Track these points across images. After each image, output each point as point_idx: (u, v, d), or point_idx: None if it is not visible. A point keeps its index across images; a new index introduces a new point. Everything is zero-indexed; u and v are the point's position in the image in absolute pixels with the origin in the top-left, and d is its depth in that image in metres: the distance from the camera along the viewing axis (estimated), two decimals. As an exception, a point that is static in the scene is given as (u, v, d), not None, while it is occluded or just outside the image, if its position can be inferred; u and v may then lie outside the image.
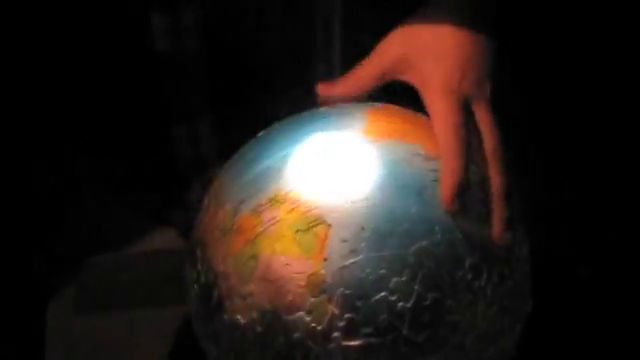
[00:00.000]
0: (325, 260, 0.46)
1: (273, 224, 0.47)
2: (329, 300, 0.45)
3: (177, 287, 0.53)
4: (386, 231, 0.46)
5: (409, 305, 0.46)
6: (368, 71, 0.56)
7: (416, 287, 0.46)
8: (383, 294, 0.45)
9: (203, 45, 0.66)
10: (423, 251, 0.46)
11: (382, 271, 0.46)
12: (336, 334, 0.45)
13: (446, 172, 0.49)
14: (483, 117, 0.54)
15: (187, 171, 0.69)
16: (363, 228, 0.46)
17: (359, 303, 0.45)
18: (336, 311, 0.45)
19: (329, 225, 0.46)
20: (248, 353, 0.48)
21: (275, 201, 0.48)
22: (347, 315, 0.45)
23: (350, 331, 0.45)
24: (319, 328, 0.46)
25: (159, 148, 0.68)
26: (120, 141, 0.69)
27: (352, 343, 0.45)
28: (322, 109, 0.55)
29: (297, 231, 0.47)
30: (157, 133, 0.68)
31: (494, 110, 0.55)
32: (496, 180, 0.53)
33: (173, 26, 0.64)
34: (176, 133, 0.68)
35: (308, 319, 0.46)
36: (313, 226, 0.46)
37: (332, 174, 0.48)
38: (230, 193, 0.51)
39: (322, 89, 0.57)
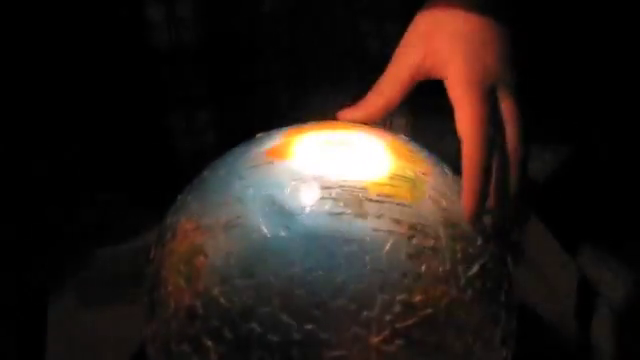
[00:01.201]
0: (198, 292, 0.44)
1: (169, 256, 0.47)
2: (204, 332, 0.43)
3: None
4: (254, 259, 0.43)
5: (277, 338, 0.41)
6: (392, 84, 0.52)
7: (285, 318, 0.41)
8: (251, 325, 0.42)
9: (201, 35, 0.66)
10: (293, 279, 0.42)
11: (249, 301, 0.42)
12: (213, 368, 0.43)
13: (468, 174, 0.46)
14: (508, 108, 0.50)
15: (186, 162, 0.70)
16: (232, 255, 0.43)
17: (230, 336, 0.42)
18: (209, 344, 0.43)
19: (205, 255, 0.44)
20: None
21: (174, 233, 0.47)
22: (220, 348, 0.43)
23: (224, 365, 0.43)
24: (198, 361, 0.44)
25: (158, 140, 0.69)
26: (118, 133, 0.71)
27: (227, 378, 0.43)
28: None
29: (182, 263, 0.45)
30: (155, 124, 0.69)
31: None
32: (512, 183, 0.48)
33: (170, 16, 0.65)
34: (175, 125, 0.69)
35: (189, 351, 0.44)
36: (193, 256, 0.45)
37: (220, 201, 0.46)
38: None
39: (343, 116, 0.53)
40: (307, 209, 0.43)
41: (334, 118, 0.53)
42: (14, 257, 0.69)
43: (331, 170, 0.45)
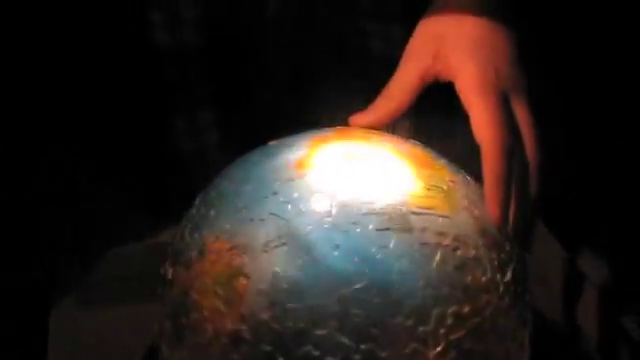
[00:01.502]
0: (243, 315, 0.42)
1: (199, 277, 0.44)
2: (252, 358, 0.42)
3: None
4: (305, 280, 0.41)
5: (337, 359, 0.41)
6: (402, 87, 0.52)
7: (342, 339, 0.41)
8: (307, 348, 0.41)
9: (204, 36, 0.64)
10: (348, 299, 0.41)
11: (302, 324, 0.41)
12: (265, 394, 0.42)
13: (491, 183, 0.47)
14: (522, 113, 0.50)
15: (189, 163, 0.68)
16: (279, 277, 0.42)
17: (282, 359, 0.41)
18: (261, 370, 0.42)
19: (247, 276, 0.42)
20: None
21: (201, 253, 0.45)
22: (272, 374, 0.41)
23: (277, 391, 0.41)
24: (246, 388, 0.42)
25: (161, 140, 0.67)
26: (121, 134, 0.69)
27: (281, 404, 0.41)
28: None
29: (218, 285, 0.43)
30: (158, 125, 0.67)
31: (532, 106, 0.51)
32: (532, 186, 0.50)
33: (173, 17, 0.63)
34: (178, 125, 0.67)
35: (234, 378, 0.42)
36: (232, 278, 0.43)
37: (253, 217, 0.44)
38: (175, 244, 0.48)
39: (354, 121, 0.52)
40: (354, 226, 0.42)
41: (342, 122, 0.52)
42: (15, 257, 0.65)
43: (367, 185, 0.45)
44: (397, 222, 0.43)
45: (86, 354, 0.60)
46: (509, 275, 0.45)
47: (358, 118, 0.51)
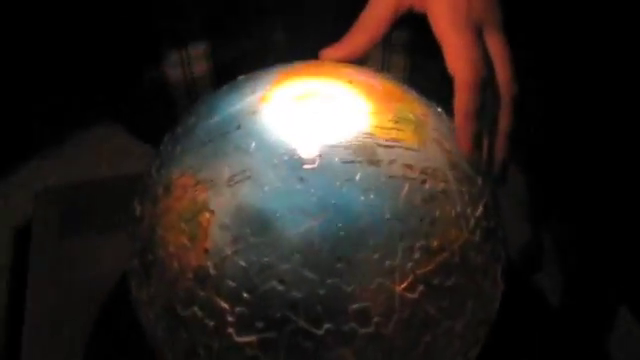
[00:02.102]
0: (208, 251, 0.41)
1: (165, 214, 0.44)
2: (217, 294, 0.41)
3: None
4: (269, 214, 0.41)
5: (301, 295, 0.40)
6: (374, 20, 0.50)
7: (307, 273, 0.40)
8: (271, 283, 0.40)
9: None
10: (313, 232, 0.40)
11: (267, 259, 0.40)
12: (229, 330, 0.41)
13: (462, 117, 0.46)
14: (496, 46, 0.49)
15: (177, 94, 0.67)
16: (243, 212, 0.41)
17: (248, 296, 0.41)
18: (225, 305, 0.41)
19: (212, 211, 0.42)
20: (163, 349, 0.45)
21: (167, 189, 0.44)
22: (237, 309, 0.41)
23: (242, 326, 0.41)
24: (212, 324, 0.42)
25: (149, 70, 0.66)
26: (111, 64, 0.68)
27: (246, 339, 0.41)
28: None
29: (184, 220, 0.43)
30: (148, 56, 0.65)
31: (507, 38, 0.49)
32: (504, 119, 0.49)
33: None
34: (167, 54, 0.66)
35: (201, 315, 0.42)
36: (197, 213, 0.42)
37: (218, 152, 0.43)
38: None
39: (325, 55, 0.51)
40: (318, 159, 0.42)
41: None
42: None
43: (333, 118, 0.44)
44: (363, 154, 0.42)
45: (67, 282, 0.60)
46: (480, 209, 0.45)
47: (329, 52, 0.50)
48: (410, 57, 0.65)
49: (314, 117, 0.43)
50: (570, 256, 0.62)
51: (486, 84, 0.46)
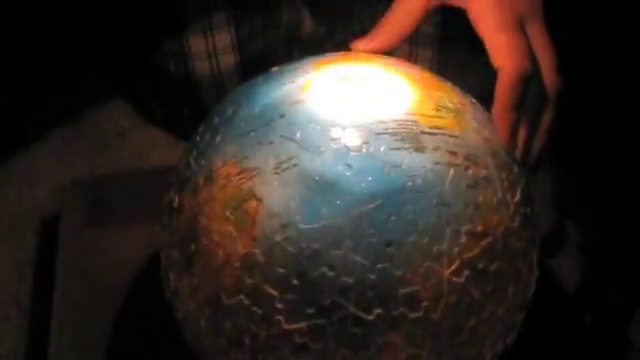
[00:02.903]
0: (255, 238, 0.41)
1: (208, 203, 0.44)
2: (265, 281, 0.41)
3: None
4: (318, 201, 0.41)
5: (352, 280, 0.40)
6: (405, 11, 0.50)
7: (358, 259, 0.40)
8: (321, 270, 0.40)
9: None
10: (363, 218, 0.40)
11: (317, 245, 0.40)
12: (278, 317, 0.41)
13: (502, 108, 0.46)
14: (540, 40, 0.49)
15: (205, 86, 0.67)
16: (291, 199, 0.41)
17: (297, 282, 0.41)
18: (274, 292, 0.41)
19: (259, 199, 0.42)
20: (204, 340, 0.45)
21: (209, 178, 0.44)
22: (286, 296, 0.41)
23: (292, 313, 0.41)
24: (259, 312, 0.42)
25: (177, 64, 0.66)
26: (139, 57, 0.68)
27: (295, 326, 0.41)
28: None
29: (229, 209, 0.42)
30: (175, 49, 0.66)
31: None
32: (547, 113, 0.49)
33: None
34: (193, 46, 0.66)
35: (248, 303, 0.42)
36: (243, 202, 0.42)
37: (262, 141, 0.43)
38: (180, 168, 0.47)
39: (356, 46, 0.51)
40: (366, 146, 0.42)
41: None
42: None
43: (378, 105, 0.44)
44: (409, 141, 0.42)
45: (94, 274, 0.60)
46: (518, 196, 0.45)
47: (360, 43, 0.50)
48: (438, 50, 0.65)
49: (359, 103, 0.44)
50: (592, 242, 0.63)
51: (530, 77, 0.46)
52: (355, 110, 0.43)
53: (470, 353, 0.44)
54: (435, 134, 0.43)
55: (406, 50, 0.65)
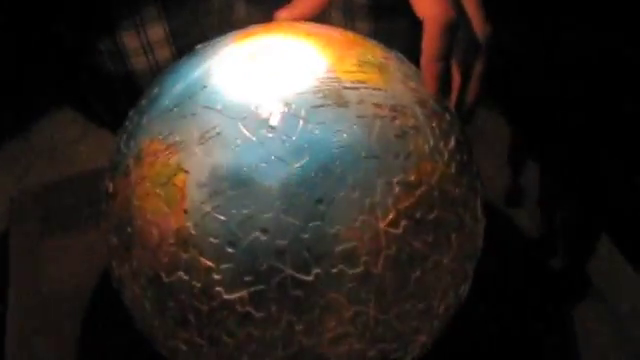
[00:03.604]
0: (187, 211, 0.41)
1: (139, 183, 0.43)
2: (200, 253, 0.41)
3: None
4: (244, 166, 0.40)
5: (286, 242, 0.40)
6: None
7: (289, 219, 0.40)
8: (255, 234, 0.40)
9: None
10: (290, 178, 0.40)
11: (247, 210, 0.40)
12: (218, 289, 0.41)
13: (430, 58, 0.46)
14: None
15: (145, 84, 0.66)
16: (218, 168, 0.40)
17: (233, 250, 0.40)
18: (210, 264, 0.41)
19: (186, 172, 0.41)
20: (152, 323, 0.44)
21: (138, 158, 0.43)
22: (222, 266, 0.40)
23: (230, 283, 0.40)
24: (199, 286, 0.41)
25: (114, 62, 0.65)
26: (72, 58, 0.68)
27: (236, 295, 0.41)
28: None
29: (158, 186, 0.42)
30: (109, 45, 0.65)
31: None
32: (478, 61, 0.49)
33: None
34: (128, 45, 0.65)
35: (186, 278, 0.41)
36: (172, 176, 0.42)
37: (185, 114, 0.43)
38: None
39: (279, 16, 0.50)
40: (287, 107, 0.41)
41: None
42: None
43: (297, 66, 0.44)
44: (331, 98, 0.42)
45: (48, 284, 0.60)
46: (452, 143, 0.45)
47: (282, 12, 0.50)
48: (374, 21, 0.65)
49: (279, 69, 0.43)
50: (551, 198, 0.63)
51: (456, 25, 0.46)
52: (276, 74, 0.43)
53: (419, 306, 0.43)
54: (358, 88, 0.43)
55: (342, 24, 0.65)
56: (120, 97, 0.68)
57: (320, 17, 0.50)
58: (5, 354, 0.55)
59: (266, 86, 0.42)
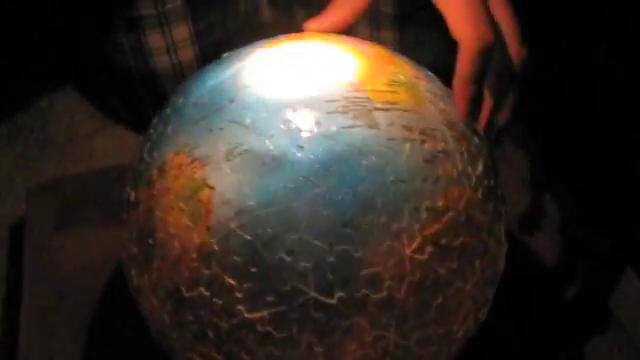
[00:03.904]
0: (210, 227, 0.40)
1: (162, 195, 0.43)
2: (223, 271, 0.40)
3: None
4: (271, 185, 0.40)
5: (310, 264, 0.39)
6: None
7: (315, 242, 0.39)
8: (279, 255, 0.39)
9: None
10: (317, 200, 0.39)
11: (272, 230, 0.39)
12: (239, 307, 0.40)
13: (463, 81, 0.45)
14: (502, 11, 0.48)
15: (167, 83, 0.66)
16: (244, 185, 0.40)
17: (255, 270, 0.40)
18: (233, 282, 0.40)
19: (212, 187, 0.41)
20: (170, 335, 0.44)
21: (162, 170, 0.43)
22: (245, 285, 0.40)
23: (252, 302, 0.40)
24: (220, 303, 0.41)
25: (137, 60, 0.65)
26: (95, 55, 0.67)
27: (257, 315, 0.40)
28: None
29: (182, 200, 0.41)
30: (133, 44, 0.64)
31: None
32: (513, 89, 0.49)
33: None
34: (153, 44, 0.64)
35: (207, 294, 0.41)
36: (196, 191, 0.41)
37: (212, 128, 0.42)
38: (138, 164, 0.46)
39: (309, 27, 0.49)
40: (317, 126, 0.41)
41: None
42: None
43: (328, 84, 0.43)
44: (362, 119, 0.41)
45: (62, 277, 0.59)
46: (480, 168, 0.44)
47: (312, 23, 0.49)
48: (400, 30, 0.64)
49: (308, 84, 0.43)
50: (569, 218, 0.62)
51: (490, 49, 0.45)
52: (305, 90, 0.42)
53: (439, 331, 0.43)
54: (388, 109, 0.42)
55: (367, 32, 0.64)
56: (139, 95, 0.68)
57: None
58: (19, 346, 0.54)
59: (295, 103, 0.42)
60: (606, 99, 0.68)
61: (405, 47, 0.64)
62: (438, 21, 0.46)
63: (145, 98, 0.68)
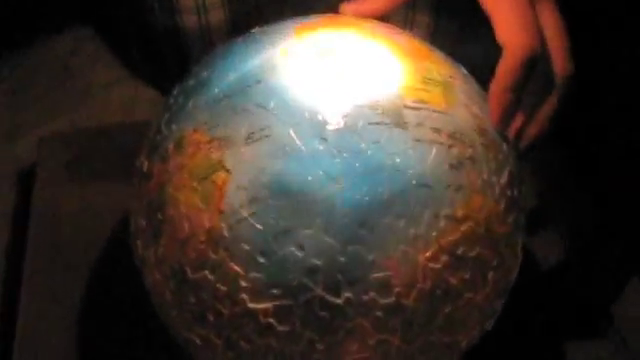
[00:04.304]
0: (222, 212, 0.39)
1: (176, 172, 0.41)
2: (230, 258, 0.39)
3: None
4: (290, 175, 0.38)
5: (321, 261, 0.38)
6: None
7: (328, 239, 0.38)
8: (289, 249, 0.38)
9: None
10: (335, 196, 0.38)
11: (286, 223, 0.38)
12: (243, 296, 0.39)
13: (502, 89, 0.43)
14: (551, 21, 0.45)
15: (192, 42, 0.64)
16: (262, 172, 0.39)
17: (264, 261, 0.39)
18: (239, 270, 0.39)
19: (228, 171, 0.39)
20: (170, 312, 0.43)
21: (179, 145, 0.42)
22: (251, 275, 0.39)
23: (257, 293, 0.39)
24: (224, 289, 0.40)
25: (165, 16, 0.63)
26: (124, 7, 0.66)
27: (260, 306, 0.39)
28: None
29: (196, 179, 0.40)
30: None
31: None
32: (552, 100, 0.47)
33: None
34: (184, 2, 0.62)
35: (212, 279, 0.40)
36: (211, 172, 0.40)
37: (235, 108, 0.41)
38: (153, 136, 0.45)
39: (346, 10, 0.47)
40: (344, 119, 0.39)
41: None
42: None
43: (359, 76, 0.41)
44: (390, 116, 0.40)
45: (69, 228, 0.59)
46: (505, 177, 0.43)
47: (351, 6, 0.47)
48: (435, 17, 0.62)
49: (339, 74, 0.41)
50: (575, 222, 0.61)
51: (537, 59, 0.43)
52: (335, 80, 0.41)
53: (444, 340, 0.42)
54: (419, 109, 0.40)
55: (402, 15, 0.62)
56: (163, 52, 0.66)
57: None
58: (20, 297, 0.54)
59: (324, 92, 0.40)
60: (614, 99, 0.66)
61: (439, 35, 0.62)
62: (476, 15, 0.44)
63: (168, 56, 0.66)
